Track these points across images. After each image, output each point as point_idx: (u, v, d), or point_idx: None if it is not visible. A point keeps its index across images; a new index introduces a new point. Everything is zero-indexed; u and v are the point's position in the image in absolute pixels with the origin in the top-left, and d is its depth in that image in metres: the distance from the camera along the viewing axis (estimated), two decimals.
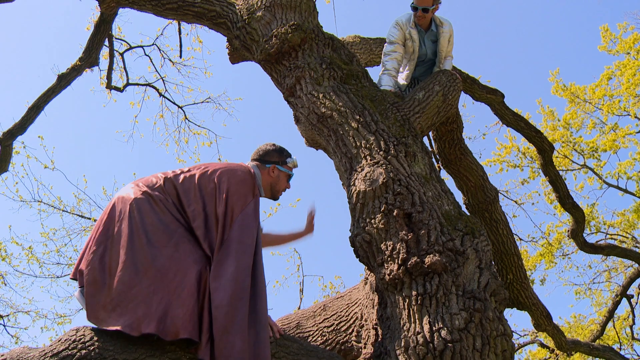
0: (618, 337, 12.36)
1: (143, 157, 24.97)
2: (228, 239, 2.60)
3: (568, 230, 8.61)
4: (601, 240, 12.66)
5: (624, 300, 11.50)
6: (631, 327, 12.25)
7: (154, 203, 2.61)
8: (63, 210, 10.55)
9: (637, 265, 10.67)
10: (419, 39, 4.53)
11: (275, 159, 3.13)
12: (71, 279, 2.63)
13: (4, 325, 10.63)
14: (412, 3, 4.40)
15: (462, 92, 5.21)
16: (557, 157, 12.35)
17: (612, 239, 13.03)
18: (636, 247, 12.70)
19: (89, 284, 2.43)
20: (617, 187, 13.18)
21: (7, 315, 10.68)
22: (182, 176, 2.76)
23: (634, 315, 11.96)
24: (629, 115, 12.65)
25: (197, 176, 2.76)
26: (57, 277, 10.53)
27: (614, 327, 12.47)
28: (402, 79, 4.59)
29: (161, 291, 2.38)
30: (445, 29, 4.52)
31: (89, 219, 10.65)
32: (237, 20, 4.33)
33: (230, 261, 2.52)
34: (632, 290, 11.66)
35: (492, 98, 6.11)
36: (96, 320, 2.39)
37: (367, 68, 4.35)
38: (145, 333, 2.29)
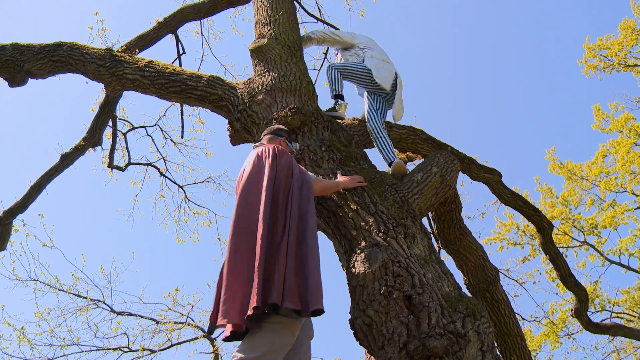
0: None
1: (143, 236, 24.86)
2: None
3: (572, 310, 8.45)
4: (606, 319, 12.39)
5: None
6: None
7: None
8: (59, 290, 10.39)
9: None
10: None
11: (285, 135, 3.68)
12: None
13: None
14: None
15: (460, 172, 5.28)
16: (557, 234, 12.32)
17: (618, 317, 12.77)
18: None
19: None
20: (619, 264, 13.08)
21: None
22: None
23: None
24: (626, 191, 12.75)
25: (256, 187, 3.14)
26: (49, 359, 10.21)
27: None
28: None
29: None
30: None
31: (85, 298, 10.48)
32: (239, 103, 4.45)
33: None
34: None
35: (490, 177, 6.16)
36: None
37: (365, 150, 4.42)
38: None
